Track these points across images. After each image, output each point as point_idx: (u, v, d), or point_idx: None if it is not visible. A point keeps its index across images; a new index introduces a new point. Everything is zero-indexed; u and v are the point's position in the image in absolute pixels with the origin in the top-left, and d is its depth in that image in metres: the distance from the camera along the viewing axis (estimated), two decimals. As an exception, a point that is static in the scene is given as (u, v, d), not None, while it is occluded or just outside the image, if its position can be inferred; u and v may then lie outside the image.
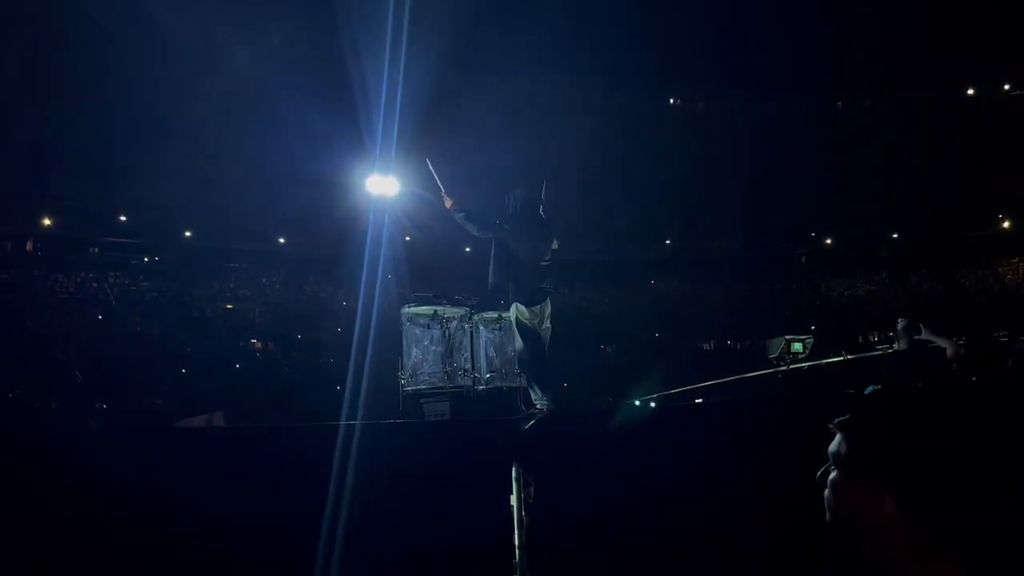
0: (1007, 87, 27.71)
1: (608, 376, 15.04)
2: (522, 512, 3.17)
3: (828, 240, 30.88)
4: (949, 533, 0.97)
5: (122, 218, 25.48)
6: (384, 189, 8.76)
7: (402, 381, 5.84)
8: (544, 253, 4.81)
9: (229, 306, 25.23)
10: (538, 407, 4.65)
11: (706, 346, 23.96)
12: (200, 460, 3.23)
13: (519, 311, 4.75)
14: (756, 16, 23.75)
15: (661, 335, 24.56)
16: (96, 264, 24.90)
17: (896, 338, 5.72)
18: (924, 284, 28.89)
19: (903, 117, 27.64)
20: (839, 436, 1.09)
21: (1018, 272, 27.68)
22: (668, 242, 30.97)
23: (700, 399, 7.18)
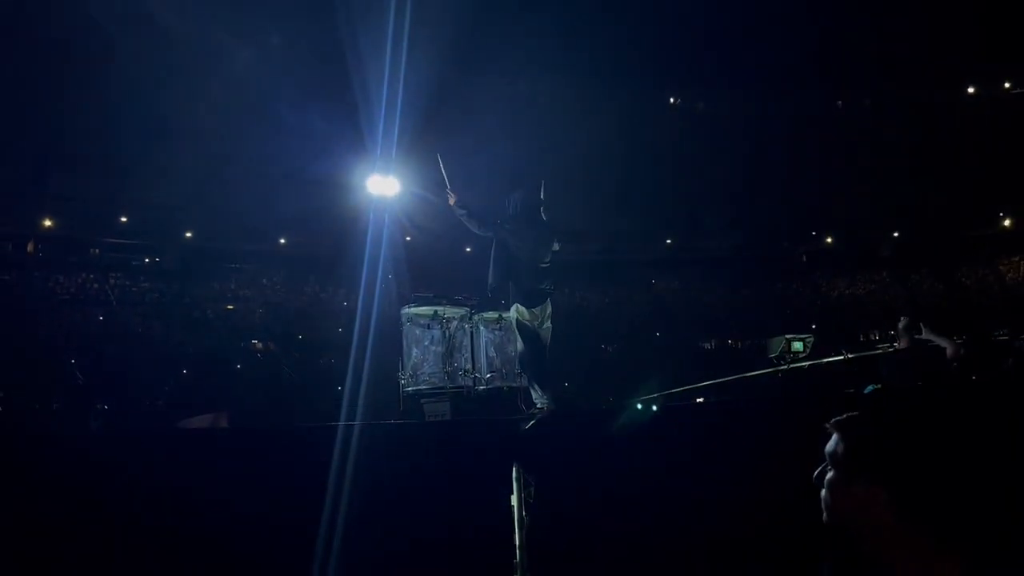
0: (1007, 85, 27.68)
1: (608, 376, 15.04)
2: (522, 512, 3.17)
3: (828, 239, 30.86)
4: (948, 533, 0.97)
5: (123, 219, 25.51)
6: (384, 189, 8.75)
7: (402, 381, 5.82)
8: (544, 255, 4.79)
9: (230, 306, 25.22)
10: (538, 407, 4.65)
11: (706, 345, 23.93)
12: (201, 460, 3.23)
13: (519, 312, 4.75)
14: (756, 15, 23.74)
15: (661, 335, 24.55)
16: (97, 265, 24.91)
17: (897, 337, 5.71)
18: (925, 283, 28.86)
19: (903, 116, 27.61)
20: (835, 436, 1.09)
21: (1019, 270, 27.64)
22: (668, 242, 30.97)
23: (700, 399, 7.17)
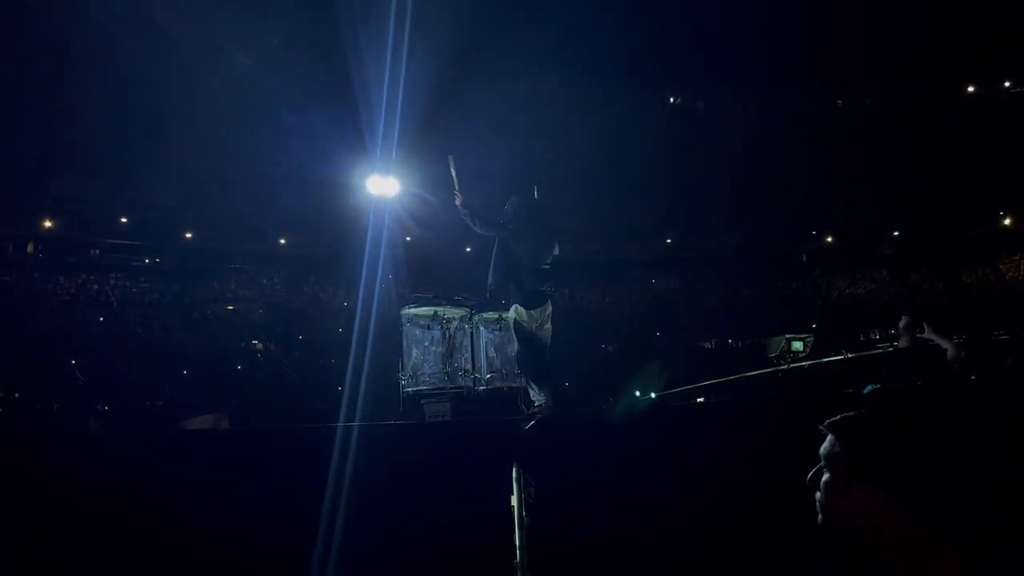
0: (1007, 84, 27.66)
1: (608, 376, 15.04)
2: (522, 512, 3.17)
3: (829, 238, 30.85)
4: (948, 533, 0.97)
5: (123, 219, 25.53)
6: (384, 189, 8.77)
7: (402, 382, 5.83)
8: (546, 257, 4.79)
9: (230, 307, 25.23)
10: (536, 405, 4.65)
11: (706, 345, 23.92)
12: (201, 461, 3.24)
13: (517, 313, 4.74)
14: (756, 15, 23.73)
15: (661, 334, 24.54)
16: (97, 266, 24.94)
17: (898, 336, 5.71)
18: (925, 282, 28.84)
19: (903, 116, 27.59)
20: (830, 438, 1.09)
21: (1019, 269, 27.62)
22: (668, 241, 30.96)
23: (700, 399, 7.17)
